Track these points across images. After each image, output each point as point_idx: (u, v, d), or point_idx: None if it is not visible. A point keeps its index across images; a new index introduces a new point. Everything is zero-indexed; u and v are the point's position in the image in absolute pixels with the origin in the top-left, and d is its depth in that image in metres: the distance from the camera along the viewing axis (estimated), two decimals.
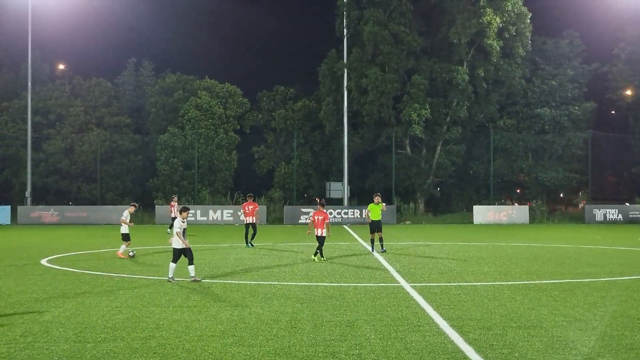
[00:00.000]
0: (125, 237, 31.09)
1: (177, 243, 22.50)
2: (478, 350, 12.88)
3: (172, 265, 22.46)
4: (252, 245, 37.39)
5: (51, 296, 19.60)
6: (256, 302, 18.42)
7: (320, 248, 29.75)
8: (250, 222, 37.79)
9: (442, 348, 13.11)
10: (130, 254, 30.76)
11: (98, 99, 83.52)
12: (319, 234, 29.85)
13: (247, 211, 37.97)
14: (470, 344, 13.43)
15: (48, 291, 20.55)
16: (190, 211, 65.24)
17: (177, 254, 22.47)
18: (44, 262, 29.06)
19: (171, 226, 49.90)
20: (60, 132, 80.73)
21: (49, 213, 66.04)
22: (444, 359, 12.29)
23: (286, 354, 12.70)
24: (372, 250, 33.51)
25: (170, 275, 22.50)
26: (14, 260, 30.09)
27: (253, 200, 38.85)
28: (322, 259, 29.46)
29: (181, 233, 22.69)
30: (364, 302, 18.32)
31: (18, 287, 21.56)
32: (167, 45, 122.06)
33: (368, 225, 34.12)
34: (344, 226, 60.56)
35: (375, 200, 33.84)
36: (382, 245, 33.59)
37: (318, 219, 30.21)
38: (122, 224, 31.15)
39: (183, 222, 23.17)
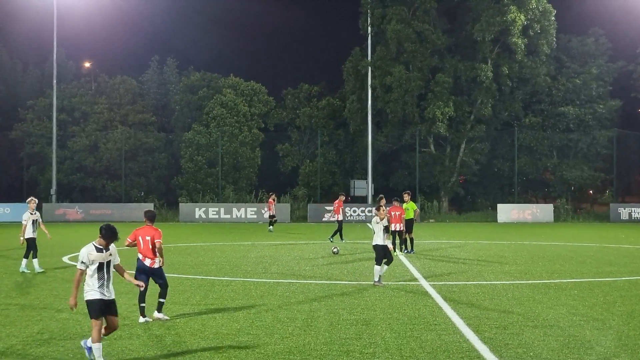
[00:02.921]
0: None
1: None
2: (493, 350, 12.85)
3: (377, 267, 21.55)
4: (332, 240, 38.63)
5: (70, 293, 19.65)
6: (274, 301, 18.46)
7: (394, 242, 30.04)
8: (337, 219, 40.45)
9: (457, 347, 13.08)
10: (335, 250, 31.42)
11: (123, 96, 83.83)
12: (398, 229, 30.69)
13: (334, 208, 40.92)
14: (485, 343, 13.40)
15: (67, 288, 20.61)
16: (214, 209, 65.89)
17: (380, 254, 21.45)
18: (65, 259, 29.24)
19: (271, 223, 50.00)
20: (84, 130, 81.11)
21: (74, 210, 66.43)
22: (458, 357, 12.26)
23: (300, 352, 12.71)
24: (411, 251, 32.51)
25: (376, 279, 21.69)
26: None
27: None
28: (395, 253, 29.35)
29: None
30: (382, 301, 18.31)
31: (38, 283, 21.71)
32: (190, 43, 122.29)
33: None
34: (368, 224, 60.50)
35: (405, 199, 33.21)
36: (405, 247, 32.62)
37: (395, 214, 30.60)
38: None
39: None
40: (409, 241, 32.65)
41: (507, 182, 78.53)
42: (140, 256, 16.24)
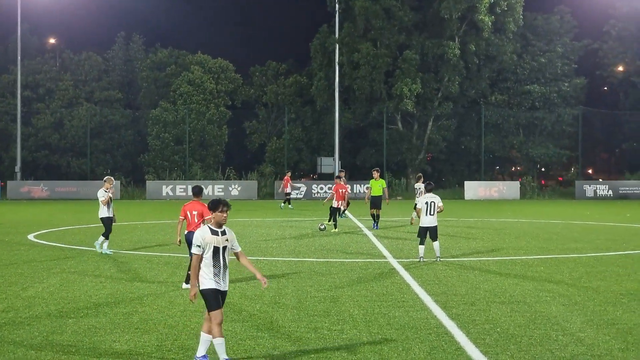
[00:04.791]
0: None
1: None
2: (460, 326, 12.87)
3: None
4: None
5: (35, 271, 19.55)
6: (241, 278, 18.39)
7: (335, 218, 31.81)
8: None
9: (424, 323, 13.09)
10: (321, 227, 31.62)
11: (88, 73, 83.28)
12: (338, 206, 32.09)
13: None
14: (453, 319, 13.43)
15: (33, 266, 20.50)
16: (181, 186, 65.65)
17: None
18: (30, 237, 29.00)
19: (286, 201, 50.58)
20: (49, 107, 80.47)
21: (39, 188, 65.88)
22: (426, 334, 12.28)
23: (268, 330, 12.69)
24: (376, 227, 32.93)
25: None
26: (1, 235, 30.00)
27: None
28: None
29: None
30: (350, 278, 18.32)
31: (2, 262, 21.51)
32: (157, 20, 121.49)
33: (366, 202, 34.91)
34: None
35: (374, 175, 33.82)
36: (377, 223, 33.19)
37: (341, 191, 32.68)
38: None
39: None
40: (376, 217, 33.37)
41: (474, 160, 78.91)
42: (186, 232, 17.08)
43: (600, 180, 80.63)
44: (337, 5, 73.12)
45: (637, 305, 14.87)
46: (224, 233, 10.80)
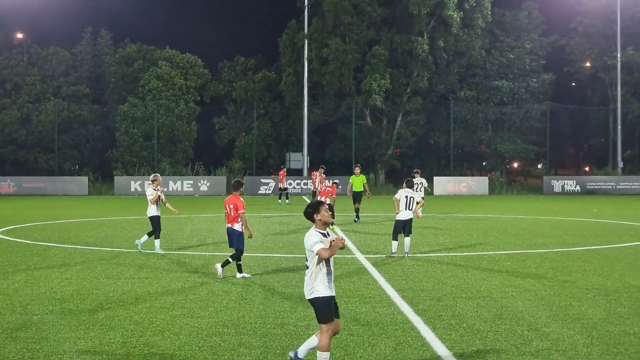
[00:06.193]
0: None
1: None
2: (427, 321, 12.92)
3: None
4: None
5: (0, 267, 19.40)
6: (209, 274, 18.36)
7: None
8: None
9: (391, 319, 13.12)
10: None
11: (56, 68, 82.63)
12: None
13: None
14: (419, 314, 13.48)
15: (0, 262, 20.37)
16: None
17: None
18: None
19: (281, 196, 51.34)
20: (16, 102, 79.78)
21: (6, 184, 65.27)
22: (392, 329, 12.31)
23: (235, 326, 12.66)
24: (358, 220, 34.39)
25: None
26: None
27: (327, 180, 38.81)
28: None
29: None
30: None
31: None
32: (126, 15, 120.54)
33: (348, 195, 36.14)
34: (303, 197, 60.52)
35: (356, 171, 35.63)
36: (358, 216, 34.71)
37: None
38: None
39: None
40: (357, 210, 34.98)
41: (443, 155, 79.20)
42: (227, 226, 18.19)
43: (568, 175, 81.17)
44: (306, 1, 73.06)
45: (603, 300, 14.98)
46: (327, 235, 10.08)
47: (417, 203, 22.41)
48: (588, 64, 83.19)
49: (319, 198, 32.36)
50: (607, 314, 13.59)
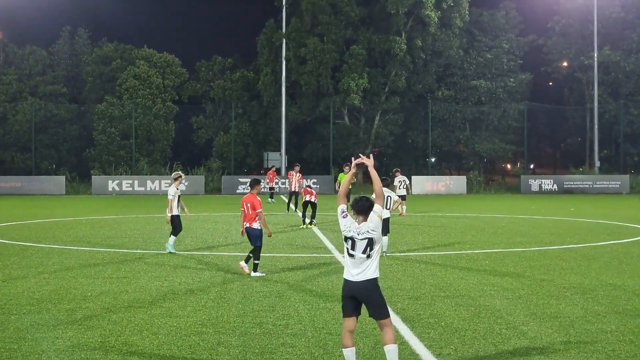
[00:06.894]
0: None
1: None
2: (405, 320, 12.95)
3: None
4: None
5: None
6: (187, 273, 18.34)
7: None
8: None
9: (369, 318, 13.10)
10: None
11: (32, 67, 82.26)
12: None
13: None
14: (397, 313, 13.50)
15: None
16: (128, 181, 65.18)
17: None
18: None
19: (272, 195, 52.27)
20: None
21: None
22: (370, 328, 12.32)
23: (213, 325, 12.64)
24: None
25: None
26: None
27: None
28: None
29: None
30: (295, 273, 18.33)
31: None
32: (103, 14, 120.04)
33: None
34: (281, 196, 60.43)
35: (345, 169, 36.04)
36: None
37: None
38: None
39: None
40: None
41: (421, 154, 79.40)
42: (246, 225, 18.28)
43: (546, 174, 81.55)
44: (284, 0, 73.06)
45: (580, 298, 15.05)
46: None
47: (395, 202, 22.45)
48: (565, 64, 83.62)
49: (304, 197, 31.58)
50: (585, 312, 13.66)
